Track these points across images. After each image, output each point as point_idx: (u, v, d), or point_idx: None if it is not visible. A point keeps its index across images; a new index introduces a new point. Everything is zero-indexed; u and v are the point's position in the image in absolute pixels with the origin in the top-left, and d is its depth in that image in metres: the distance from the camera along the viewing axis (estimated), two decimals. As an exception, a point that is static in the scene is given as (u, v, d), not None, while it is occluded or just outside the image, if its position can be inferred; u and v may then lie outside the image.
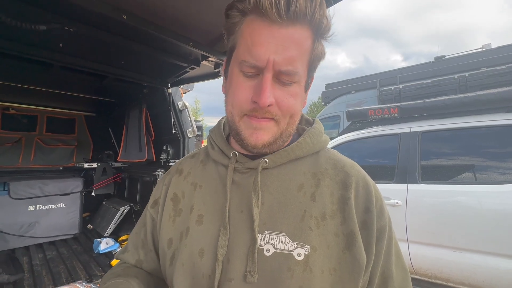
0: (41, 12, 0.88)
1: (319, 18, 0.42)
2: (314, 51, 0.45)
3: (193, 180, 0.54)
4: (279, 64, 0.41)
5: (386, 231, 0.47)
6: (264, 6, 0.39)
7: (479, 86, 2.21)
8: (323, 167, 0.50)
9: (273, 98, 0.42)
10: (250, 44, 0.42)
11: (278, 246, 0.44)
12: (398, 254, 0.51)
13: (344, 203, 0.46)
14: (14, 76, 1.84)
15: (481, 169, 2.13)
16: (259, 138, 0.45)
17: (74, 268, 1.62)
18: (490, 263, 1.86)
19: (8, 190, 1.95)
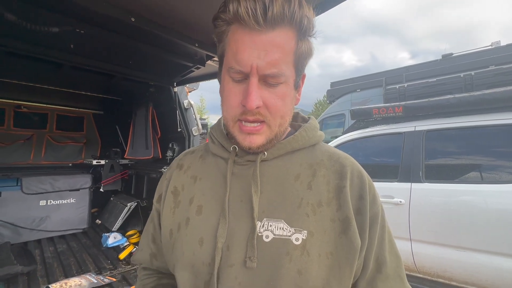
0: (53, 15, 0.92)
1: (299, 19, 0.44)
2: (298, 50, 0.46)
3: (192, 173, 0.57)
4: (263, 69, 0.43)
5: (378, 218, 0.50)
6: (242, 16, 0.41)
7: (485, 84, 2.19)
8: (319, 159, 0.53)
9: (261, 100, 0.44)
10: (235, 51, 0.44)
11: (276, 232, 0.46)
12: (391, 242, 0.53)
13: (339, 191, 0.48)
14: (26, 76, 1.91)
15: (486, 169, 2.12)
16: (252, 142, 0.47)
17: (84, 261, 1.68)
18: (494, 263, 1.86)
19: (20, 185, 2.03)
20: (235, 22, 0.44)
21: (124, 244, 1.91)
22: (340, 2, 0.87)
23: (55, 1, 0.83)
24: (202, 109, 34.87)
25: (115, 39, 1.13)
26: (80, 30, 1.00)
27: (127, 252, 1.76)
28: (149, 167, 2.28)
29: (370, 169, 2.74)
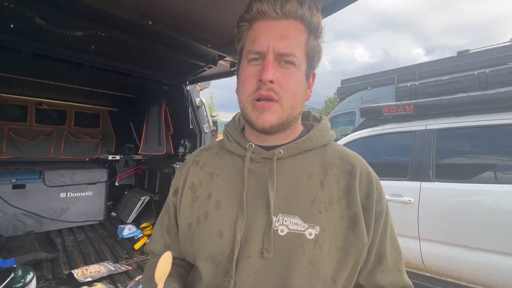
0: (78, 20, 0.99)
1: (309, 18, 0.51)
2: (309, 43, 0.53)
3: (209, 170, 0.60)
4: (278, 48, 0.49)
5: (383, 215, 0.54)
6: (264, 10, 0.50)
7: (500, 83, 2.14)
8: (330, 158, 0.56)
9: (275, 77, 0.49)
10: (254, 37, 0.52)
11: (291, 227, 0.50)
12: (393, 237, 0.56)
13: (349, 190, 0.52)
14: (47, 74, 2.01)
15: (499, 169, 2.08)
16: (266, 120, 0.50)
17: (101, 250, 1.78)
18: (504, 263, 1.84)
19: (43, 178, 2.15)
20: (257, 18, 0.52)
21: (139, 235, 2.01)
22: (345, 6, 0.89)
23: (80, 7, 0.89)
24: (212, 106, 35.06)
25: (133, 41, 1.19)
26: (101, 33, 1.07)
27: (141, 243, 1.85)
28: (161, 163, 2.36)
29: (379, 167, 2.75)
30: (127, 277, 1.41)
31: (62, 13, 0.93)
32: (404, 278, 0.55)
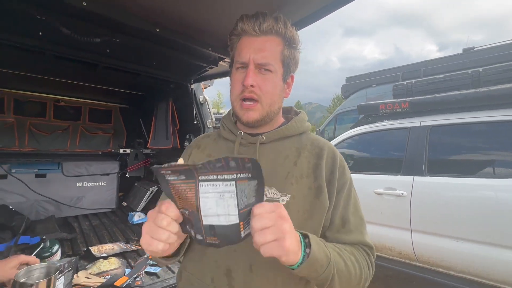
0: (96, 28, 1.15)
1: (284, 31, 0.66)
2: (284, 52, 0.67)
3: (208, 152, 0.76)
4: (257, 59, 0.64)
5: (345, 188, 0.68)
6: (246, 29, 0.65)
7: (493, 81, 2.21)
8: (304, 144, 0.71)
9: (255, 82, 0.64)
10: (240, 50, 0.67)
11: (269, 195, 0.63)
12: (356, 207, 0.70)
13: (316, 167, 0.67)
14: (65, 74, 2.20)
15: (487, 163, 2.16)
16: (250, 117, 0.67)
17: (114, 233, 1.97)
18: (489, 253, 1.93)
19: (61, 168, 2.36)
20: (242, 35, 0.67)
21: (147, 221, 2.19)
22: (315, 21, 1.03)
23: (99, 18, 1.05)
24: (220, 104, 35.09)
25: (142, 45, 1.35)
26: (115, 39, 1.23)
27: (150, 227, 2.02)
28: (168, 156, 2.53)
29: (375, 162, 2.84)
30: (137, 255, 1.59)
31: (83, 22, 1.09)
32: (364, 238, 0.67)
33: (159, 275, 1.34)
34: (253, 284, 0.61)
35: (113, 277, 1.24)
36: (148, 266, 1.41)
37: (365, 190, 2.60)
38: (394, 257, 2.47)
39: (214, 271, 0.63)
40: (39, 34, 1.23)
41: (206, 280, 0.64)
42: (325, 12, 1.07)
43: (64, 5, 0.96)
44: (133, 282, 1.24)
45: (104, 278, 1.24)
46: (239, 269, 0.62)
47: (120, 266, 1.35)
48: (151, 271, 1.36)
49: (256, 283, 0.61)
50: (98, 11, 1.01)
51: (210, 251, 0.64)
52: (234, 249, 0.61)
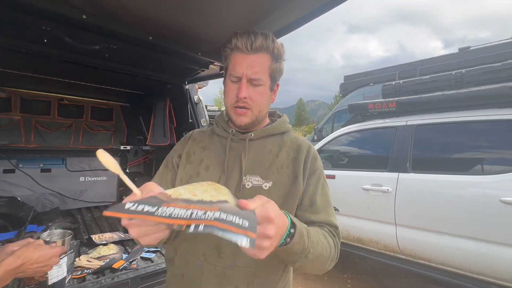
0: (96, 36, 1.28)
1: (272, 48, 0.77)
2: (272, 67, 0.79)
3: (202, 144, 0.87)
4: (249, 75, 0.76)
5: (316, 174, 0.80)
6: (239, 46, 0.76)
7: (474, 82, 2.30)
8: (285, 141, 0.85)
9: (247, 94, 0.76)
10: (234, 64, 0.78)
11: (254, 182, 0.75)
12: (324, 192, 0.80)
13: (294, 160, 0.79)
14: (68, 75, 2.34)
15: (467, 161, 2.26)
16: (242, 121, 0.78)
17: (114, 224, 2.11)
18: (467, 246, 2.05)
19: (65, 164, 2.51)
20: (235, 49, 0.78)
21: (145, 214, 2.33)
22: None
23: (98, 28, 1.18)
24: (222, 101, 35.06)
25: (138, 50, 1.47)
26: (113, 46, 1.35)
27: (147, 219, 2.16)
28: (166, 153, 2.66)
29: (364, 160, 2.95)
30: (134, 243, 1.73)
31: (83, 32, 1.21)
32: (330, 218, 0.77)
33: (153, 260, 1.48)
34: (239, 256, 0.70)
35: (111, 261, 1.38)
36: (144, 252, 1.55)
37: (353, 186, 2.72)
38: (380, 250, 2.60)
39: (206, 247, 0.73)
40: (44, 41, 1.36)
41: (199, 256, 0.73)
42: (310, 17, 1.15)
43: (66, 18, 1.09)
44: (129, 265, 1.38)
45: (103, 262, 1.38)
46: (227, 244, 0.70)
47: (118, 252, 1.49)
48: (146, 256, 1.50)
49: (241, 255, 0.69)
50: (97, 22, 1.14)
51: None
52: None
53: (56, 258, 0.81)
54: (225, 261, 0.71)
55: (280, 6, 1.10)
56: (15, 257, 0.70)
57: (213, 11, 1.19)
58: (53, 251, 0.79)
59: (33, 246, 0.75)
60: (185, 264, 0.76)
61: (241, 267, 0.71)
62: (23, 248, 0.74)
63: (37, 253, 0.74)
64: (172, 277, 0.80)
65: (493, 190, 1.96)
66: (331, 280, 3.04)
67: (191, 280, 0.74)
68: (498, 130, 2.09)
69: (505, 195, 1.89)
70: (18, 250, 0.72)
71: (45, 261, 0.76)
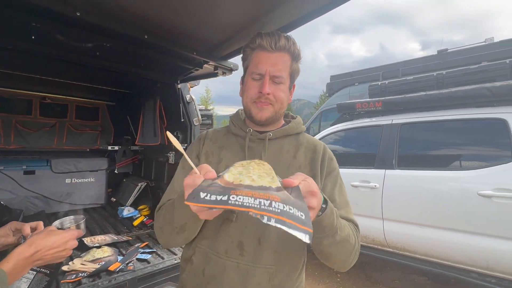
0: (89, 34, 1.25)
1: (293, 49, 0.80)
2: (292, 67, 0.82)
3: (220, 144, 0.86)
4: (272, 72, 0.78)
5: (333, 174, 0.83)
6: (263, 45, 0.78)
7: (454, 83, 2.44)
8: (301, 142, 0.87)
9: (270, 90, 0.78)
10: (257, 62, 0.80)
11: None
12: (342, 191, 0.83)
13: (311, 160, 0.82)
14: (52, 72, 2.24)
15: (449, 157, 2.41)
16: (263, 115, 0.79)
17: (105, 226, 2.06)
18: (448, 237, 2.18)
19: (50, 165, 2.41)
20: (258, 48, 0.80)
21: (137, 215, 2.29)
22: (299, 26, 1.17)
23: (91, 26, 1.15)
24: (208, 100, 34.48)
25: (131, 48, 1.45)
26: (106, 44, 1.32)
27: (139, 220, 2.13)
28: (156, 152, 2.63)
29: (352, 157, 3.05)
30: (128, 244, 1.70)
31: (76, 30, 1.18)
32: (350, 215, 0.78)
33: (149, 261, 1.47)
34: (261, 254, 0.72)
35: (107, 263, 1.35)
36: (139, 253, 1.53)
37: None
38: (369, 244, 2.70)
39: (228, 244, 0.74)
40: (32, 37, 1.30)
41: (221, 252, 0.74)
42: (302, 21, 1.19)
43: (58, 15, 1.06)
44: (126, 267, 1.36)
45: (98, 264, 1.35)
46: (249, 242, 0.73)
47: (113, 254, 1.47)
48: (142, 257, 1.49)
49: (263, 253, 0.72)
50: (91, 20, 1.11)
51: (224, 228, 0.75)
52: (245, 226, 0.73)
53: (74, 241, 0.78)
54: (247, 258, 0.73)
55: (275, 7, 1.13)
56: (26, 245, 0.68)
57: (209, 11, 1.20)
58: (68, 234, 0.77)
59: (44, 232, 0.73)
60: (206, 261, 0.76)
61: (263, 264, 0.72)
62: (35, 235, 0.72)
63: (51, 238, 0.72)
64: (190, 275, 0.79)
65: (471, 184, 2.10)
66: (321, 275, 3.12)
67: (213, 276, 0.74)
68: (476, 128, 2.24)
69: (482, 188, 2.03)
70: (29, 238, 0.70)
71: (62, 245, 0.74)
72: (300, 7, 1.10)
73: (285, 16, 1.18)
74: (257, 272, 0.72)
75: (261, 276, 0.72)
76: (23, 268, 0.67)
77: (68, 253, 0.78)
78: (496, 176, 2.01)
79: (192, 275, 0.79)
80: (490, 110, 2.16)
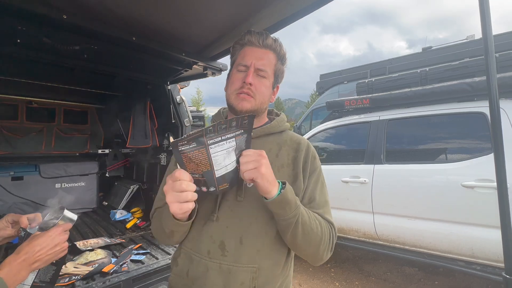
0: (76, 36, 1.25)
1: (279, 50, 0.84)
2: (277, 65, 0.85)
3: None
4: (257, 65, 0.81)
5: (315, 173, 0.84)
6: (252, 41, 0.82)
7: (437, 79, 2.53)
8: (284, 140, 0.88)
9: (253, 81, 0.79)
10: (243, 56, 0.83)
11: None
12: (323, 190, 0.85)
13: (294, 159, 0.82)
14: (38, 76, 2.20)
15: (434, 151, 2.49)
16: (244, 106, 0.79)
17: (97, 230, 2.04)
18: (436, 228, 2.26)
19: (39, 170, 2.37)
20: (247, 45, 0.84)
21: (130, 218, 2.28)
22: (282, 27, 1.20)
23: (78, 28, 1.15)
24: (199, 101, 34.19)
25: (120, 51, 1.45)
26: (94, 46, 1.32)
27: (132, 222, 2.12)
28: (148, 155, 2.62)
29: (342, 154, 3.12)
30: (121, 247, 1.70)
31: (63, 32, 1.18)
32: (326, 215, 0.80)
33: (143, 261, 1.48)
34: (243, 253, 0.73)
35: (101, 265, 1.35)
36: (133, 255, 1.54)
37: (333, 179, 2.86)
38: (360, 237, 2.77)
39: (210, 245, 0.74)
40: (17, 41, 1.29)
41: (203, 253, 0.74)
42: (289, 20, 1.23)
43: (45, 18, 1.06)
44: (120, 268, 1.36)
45: (91, 267, 1.35)
46: (231, 242, 0.73)
47: (106, 256, 1.47)
48: (136, 258, 1.49)
49: (245, 252, 0.73)
50: (78, 22, 1.12)
51: (206, 229, 0.76)
52: (226, 226, 0.75)
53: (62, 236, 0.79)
54: (230, 258, 0.73)
55: (262, 7, 1.16)
56: (14, 253, 0.70)
57: (198, 13, 1.22)
58: (53, 232, 0.77)
59: (29, 238, 0.74)
60: (190, 263, 0.77)
61: (245, 264, 0.73)
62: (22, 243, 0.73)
63: (37, 241, 0.72)
64: (176, 276, 0.81)
65: (455, 176, 2.19)
66: (315, 270, 3.18)
67: (196, 277, 0.75)
68: (458, 122, 2.33)
69: (465, 180, 2.11)
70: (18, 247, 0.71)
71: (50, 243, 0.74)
72: (287, 7, 1.14)
73: (272, 15, 1.21)
74: (239, 272, 0.72)
75: (244, 276, 0.72)
76: (18, 272, 0.68)
77: (63, 247, 0.79)
78: (478, 167, 2.10)
79: (178, 277, 0.80)
80: (471, 104, 2.25)
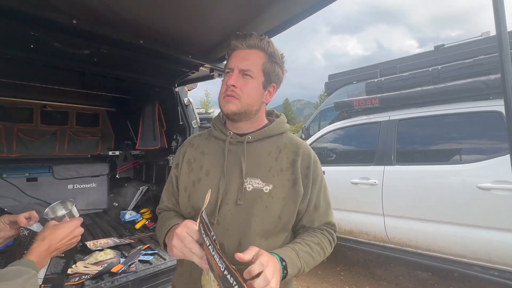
0: (86, 41, 1.28)
1: (266, 48, 0.81)
2: (265, 64, 0.82)
3: (201, 150, 0.86)
4: (240, 66, 0.79)
5: (318, 180, 0.83)
6: (236, 44, 0.81)
7: (450, 77, 2.46)
8: (283, 142, 0.85)
9: (237, 83, 0.78)
10: (230, 60, 0.83)
11: (255, 185, 0.76)
12: (325, 195, 0.86)
13: (294, 163, 0.80)
14: (52, 80, 2.28)
15: (448, 152, 2.41)
16: (229, 108, 0.77)
17: (107, 230, 2.08)
18: (450, 231, 2.18)
19: (52, 172, 2.44)
20: (234, 49, 0.83)
21: (139, 218, 2.31)
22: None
23: (88, 34, 1.18)
24: (208, 103, 34.48)
25: (129, 54, 1.48)
26: (103, 50, 1.35)
27: (141, 223, 2.15)
28: (157, 156, 2.65)
29: (351, 155, 3.07)
30: (130, 247, 1.72)
31: (73, 37, 1.21)
32: (330, 218, 0.84)
33: (151, 262, 1.49)
34: None
35: (109, 265, 1.37)
36: (141, 255, 1.55)
37: (342, 181, 2.81)
38: (371, 240, 2.70)
39: None
40: (30, 46, 1.34)
41: None
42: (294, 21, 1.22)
43: (56, 24, 1.09)
44: (128, 268, 1.38)
45: (100, 267, 1.37)
46: (230, 244, 0.74)
47: (115, 256, 1.49)
48: (144, 259, 1.51)
49: None
50: (87, 27, 1.14)
51: None
52: (226, 228, 0.75)
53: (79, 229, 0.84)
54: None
55: (267, 9, 1.15)
56: (40, 240, 0.73)
57: (204, 14, 1.23)
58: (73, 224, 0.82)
59: (49, 227, 0.77)
60: (192, 263, 0.75)
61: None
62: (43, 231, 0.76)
63: (58, 231, 0.77)
64: (179, 276, 0.82)
65: (470, 177, 2.10)
66: (324, 273, 3.12)
67: (198, 278, 0.74)
68: (473, 122, 2.25)
69: (481, 181, 2.03)
70: (40, 234, 0.75)
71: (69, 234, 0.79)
72: (291, 7, 1.13)
73: (277, 16, 1.21)
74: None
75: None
76: (44, 258, 0.73)
77: (78, 239, 0.84)
78: (494, 168, 2.02)
79: (181, 277, 0.81)
80: (486, 103, 2.16)
